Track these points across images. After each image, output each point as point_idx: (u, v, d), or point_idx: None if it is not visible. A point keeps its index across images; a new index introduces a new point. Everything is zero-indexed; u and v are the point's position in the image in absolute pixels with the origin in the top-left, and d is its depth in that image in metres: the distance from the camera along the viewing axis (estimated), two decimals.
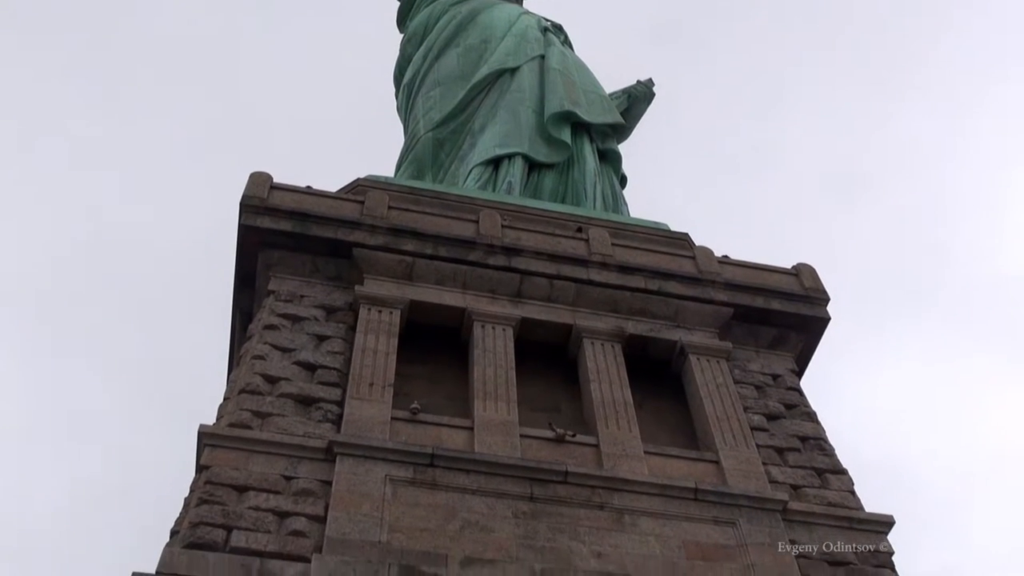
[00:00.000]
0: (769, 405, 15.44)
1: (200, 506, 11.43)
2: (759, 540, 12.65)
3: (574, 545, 12.01)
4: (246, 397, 13.16)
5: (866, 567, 12.80)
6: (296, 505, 11.72)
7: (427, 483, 12.34)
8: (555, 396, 15.27)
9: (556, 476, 12.79)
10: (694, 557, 12.26)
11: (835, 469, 14.41)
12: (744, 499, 13.15)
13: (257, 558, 10.82)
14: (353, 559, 10.99)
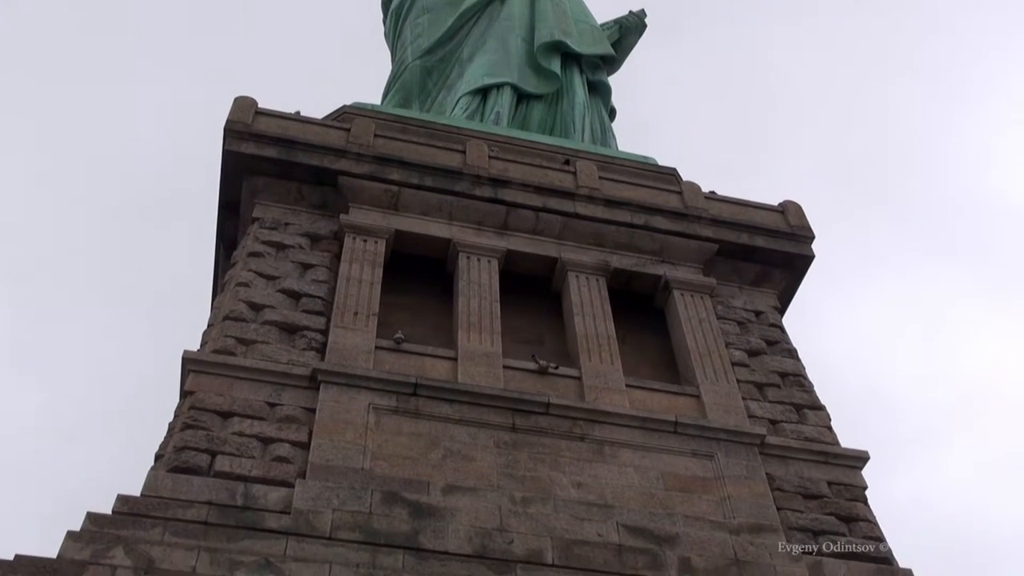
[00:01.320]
0: (751, 341, 15.60)
1: (184, 431, 11.52)
2: (736, 473, 12.89)
3: (554, 475, 12.20)
4: (230, 324, 13.17)
5: (840, 500, 13.08)
6: (280, 431, 11.83)
7: (410, 412, 12.45)
8: (539, 328, 15.36)
9: (538, 407, 12.93)
10: (672, 488, 12.49)
11: (813, 405, 14.64)
12: (723, 433, 13.36)
13: (241, 483, 10.95)
14: (336, 485, 11.13)
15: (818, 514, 12.77)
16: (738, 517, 12.26)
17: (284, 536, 10.37)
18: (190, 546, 9.81)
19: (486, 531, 11.03)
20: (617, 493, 12.17)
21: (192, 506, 10.46)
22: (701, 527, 11.98)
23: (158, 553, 9.55)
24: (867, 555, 12.32)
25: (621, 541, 11.41)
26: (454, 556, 10.63)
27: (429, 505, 11.20)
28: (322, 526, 10.58)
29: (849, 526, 12.75)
